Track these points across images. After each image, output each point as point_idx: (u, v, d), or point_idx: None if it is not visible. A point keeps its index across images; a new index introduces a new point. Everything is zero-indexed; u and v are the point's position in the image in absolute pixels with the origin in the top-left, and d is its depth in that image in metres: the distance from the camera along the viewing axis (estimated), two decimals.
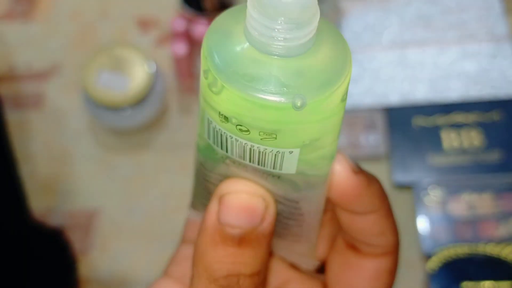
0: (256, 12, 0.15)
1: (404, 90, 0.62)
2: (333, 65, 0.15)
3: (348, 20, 0.68)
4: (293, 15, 0.14)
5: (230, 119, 0.16)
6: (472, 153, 0.59)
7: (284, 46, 0.15)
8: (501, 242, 0.53)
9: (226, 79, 0.15)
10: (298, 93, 0.15)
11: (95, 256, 0.57)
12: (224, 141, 0.17)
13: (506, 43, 0.64)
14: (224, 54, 0.16)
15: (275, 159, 0.17)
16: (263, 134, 0.16)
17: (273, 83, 0.15)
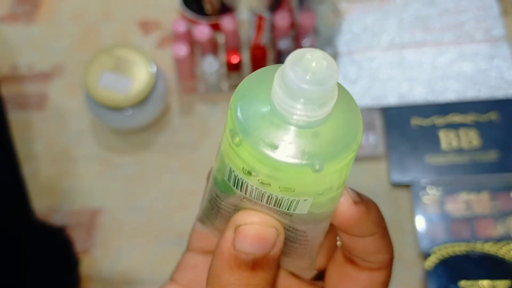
0: (280, 90, 0.16)
1: (402, 91, 0.63)
2: (348, 132, 0.17)
3: (347, 21, 0.68)
4: (313, 97, 0.16)
5: (253, 174, 0.18)
6: (469, 153, 0.59)
7: (304, 121, 0.17)
8: (498, 241, 0.53)
9: (253, 144, 0.17)
10: (317, 159, 0.17)
11: (97, 254, 0.57)
12: (244, 187, 0.19)
13: (503, 44, 0.64)
14: (250, 118, 0.17)
15: (290, 204, 0.19)
16: (283, 188, 0.18)
17: (294, 149, 0.17)
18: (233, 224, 0.20)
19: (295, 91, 0.16)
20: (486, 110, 0.61)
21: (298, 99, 0.16)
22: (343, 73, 0.65)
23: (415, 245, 0.56)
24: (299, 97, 0.16)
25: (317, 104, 0.16)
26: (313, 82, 0.15)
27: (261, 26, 0.60)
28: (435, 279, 0.52)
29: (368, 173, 0.60)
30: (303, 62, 0.16)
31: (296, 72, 0.15)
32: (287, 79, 0.16)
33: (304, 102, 0.16)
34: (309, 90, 0.15)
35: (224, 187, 0.20)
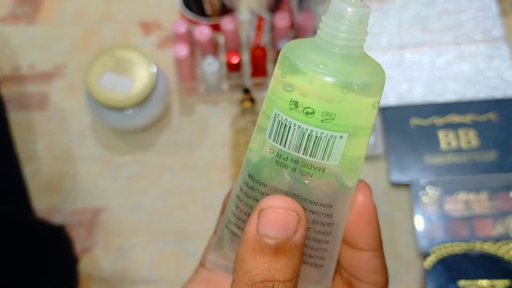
0: (328, 19, 0.21)
1: (401, 91, 0.63)
2: (377, 73, 0.21)
3: None
4: (356, 18, 0.20)
5: (299, 104, 0.20)
6: (468, 153, 0.59)
7: (346, 45, 0.20)
8: (497, 240, 0.53)
9: (304, 65, 0.20)
10: (357, 80, 0.20)
11: (98, 253, 0.58)
12: (285, 133, 0.21)
13: (502, 44, 0.64)
14: (300, 51, 0.21)
15: (327, 145, 0.21)
16: (325, 115, 0.20)
17: (338, 69, 0.20)
18: (257, 208, 0.21)
19: (342, 14, 0.19)
20: (485, 110, 0.61)
21: (343, 22, 0.20)
22: None
23: (414, 244, 0.56)
24: (344, 19, 0.19)
25: (357, 27, 0.20)
26: (356, 5, 0.20)
27: (261, 27, 0.60)
28: (434, 278, 0.52)
29: (367, 173, 0.60)
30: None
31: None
32: (335, 6, 0.20)
33: (348, 24, 0.20)
34: (353, 12, 0.19)
35: (258, 163, 0.22)
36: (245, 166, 0.23)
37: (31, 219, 0.54)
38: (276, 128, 0.21)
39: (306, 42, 0.21)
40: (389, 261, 0.58)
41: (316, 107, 0.20)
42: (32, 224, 0.53)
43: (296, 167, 0.21)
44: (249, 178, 0.22)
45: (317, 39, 0.21)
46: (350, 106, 0.20)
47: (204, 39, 0.58)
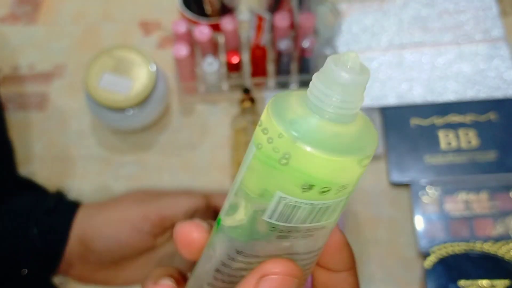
0: (321, 84, 0.18)
1: (401, 91, 0.63)
2: (374, 135, 0.20)
3: (347, 22, 0.68)
4: (354, 85, 0.18)
5: (315, 186, 0.18)
6: (468, 153, 0.59)
7: (342, 114, 0.18)
8: (497, 241, 0.53)
9: (316, 148, 0.17)
10: (365, 150, 0.18)
11: None
12: (294, 212, 0.19)
13: (502, 44, 0.65)
14: (302, 126, 0.18)
15: (334, 209, 0.20)
16: (340, 187, 0.19)
17: (351, 145, 0.18)
18: (258, 273, 0.21)
19: (336, 81, 0.17)
20: (485, 110, 0.61)
21: (337, 90, 0.17)
22: None
23: (414, 244, 0.56)
24: (340, 86, 0.17)
25: (353, 94, 0.17)
26: (352, 72, 0.17)
27: (261, 27, 0.60)
28: (434, 278, 0.52)
29: (367, 173, 0.61)
30: (343, 59, 0.17)
31: (337, 64, 0.17)
32: (328, 72, 0.17)
33: (346, 91, 0.17)
34: (349, 79, 0.17)
35: (255, 232, 0.20)
36: (227, 243, 0.21)
37: None
38: (281, 210, 0.19)
39: (304, 114, 0.18)
40: (389, 261, 0.58)
41: (332, 185, 0.18)
42: None
43: (298, 235, 0.20)
44: (238, 254, 0.21)
45: (314, 108, 0.18)
46: (358, 172, 0.19)
47: (204, 39, 0.58)
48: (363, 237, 0.57)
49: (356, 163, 0.18)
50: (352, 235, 0.57)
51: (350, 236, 0.57)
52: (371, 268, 0.56)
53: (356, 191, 0.59)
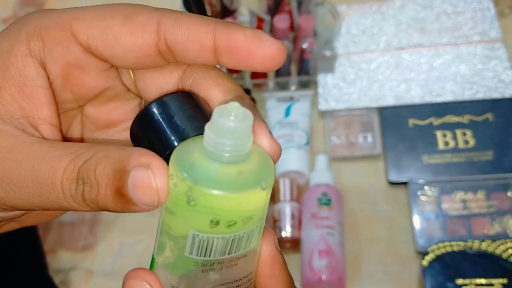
0: (213, 135, 0.20)
1: (400, 92, 0.64)
2: (269, 163, 0.21)
3: (346, 24, 0.69)
4: (239, 131, 0.20)
5: (221, 221, 0.20)
6: (466, 153, 0.60)
7: (237, 155, 0.20)
8: (495, 239, 0.54)
9: (219, 190, 0.19)
10: (262, 180, 0.20)
11: (99, 250, 0.58)
12: (209, 246, 0.21)
13: (500, 46, 0.65)
14: (201, 175, 0.20)
15: (248, 238, 0.21)
16: (246, 219, 0.20)
17: (248, 179, 0.20)
18: None
19: (224, 129, 0.19)
20: (483, 111, 0.62)
21: (227, 136, 0.19)
22: (342, 75, 0.66)
23: (412, 243, 0.57)
24: (228, 134, 0.19)
25: (241, 138, 0.20)
26: (236, 120, 0.19)
27: (261, 28, 0.61)
28: (432, 276, 0.52)
29: (366, 173, 0.61)
30: (227, 110, 0.19)
31: (223, 116, 0.19)
32: (217, 123, 0.19)
33: (234, 137, 0.19)
34: (235, 126, 0.19)
35: (183, 268, 0.22)
36: (163, 278, 0.22)
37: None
38: (197, 245, 0.21)
39: (202, 160, 0.20)
40: (388, 259, 0.58)
41: (237, 218, 0.20)
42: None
43: (223, 266, 0.22)
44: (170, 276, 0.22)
45: (210, 154, 0.20)
46: (261, 202, 0.21)
47: None
48: (362, 235, 0.58)
49: (254, 195, 0.20)
50: (350, 234, 0.58)
51: (349, 235, 0.57)
52: (369, 266, 0.56)
53: (354, 190, 0.60)
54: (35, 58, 0.21)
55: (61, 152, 0.20)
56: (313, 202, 0.56)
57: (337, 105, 0.64)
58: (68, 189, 0.19)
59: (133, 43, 0.21)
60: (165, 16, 0.21)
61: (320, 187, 0.57)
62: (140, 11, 0.21)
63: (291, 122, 0.62)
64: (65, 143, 0.21)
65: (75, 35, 0.21)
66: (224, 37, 0.20)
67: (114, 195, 0.19)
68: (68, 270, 0.57)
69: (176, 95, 0.21)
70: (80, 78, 0.22)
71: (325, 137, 0.63)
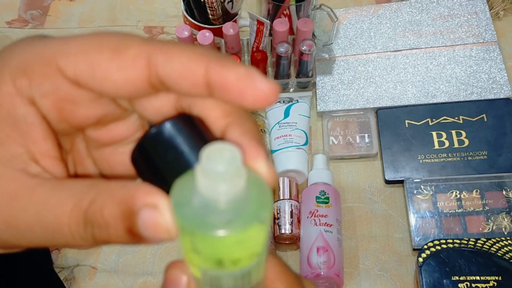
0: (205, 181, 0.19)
1: (396, 93, 0.65)
2: (263, 197, 0.21)
3: (344, 27, 0.70)
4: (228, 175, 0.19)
5: (225, 260, 0.20)
6: (461, 152, 0.61)
7: (230, 197, 0.19)
8: (489, 237, 0.54)
9: (223, 233, 0.19)
10: (260, 214, 0.20)
11: (104, 247, 0.59)
12: (221, 282, 0.21)
13: (495, 47, 0.66)
14: (198, 219, 0.19)
15: (257, 268, 0.22)
16: (250, 254, 0.21)
17: (243, 218, 0.20)
18: None
19: (215, 174, 0.19)
20: (477, 112, 0.62)
21: (218, 180, 0.19)
22: (340, 76, 0.67)
23: (408, 240, 0.58)
24: (220, 177, 0.19)
25: (234, 179, 0.19)
26: (224, 163, 0.19)
27: (261, 32, 0.62)
28: (428, 274, 0.53)
29: (363, 172, 0.62)
30: (213, 154, 0.19)
31: (211, 160, 0.19)
32: (206, 169, 0.19)
33: (226, 180, 0.19)
34: (224, 170, 0.19)
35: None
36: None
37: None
38: (209, 280, 0.21)
39: (197, 205, 0.20)
40: (385, 256, 0.59)
41: (241, 255, 0.20)
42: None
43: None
44: None
45: (205, 198, 0.19)
46: (262, 235, 0.21)
47: (206, 44, 0.60)
48: (359, 233, 0.59)
49: (253, 231, 0.20)
50: (348, 231, 0.59)
51: (346, 232, 0.58)
52: (366, 263, 0.57)
53: (352, 189, 0.60)
54: (22, 97, 0.20)
55: (64, 195, 0.20)
56: (312, 200, 0.57)
57: (335, 106, 0.65)
58: (76, 232, 0.19)
59: (123, 79, 0.20)
60: (155, 50, 0.20)
61: (319, 186, 0.57)
62: (129, 44, 0.20)
63: (290, 123, 0.63)
64: (67, 183, 0.20)
65: (62, 70, 0.20)
66: (217, 74, 0.20)
67: (126, 233, 0.19)
68: (72, 267, 0.58)
69: (176, 120, 0.21)
70: (74, 110, 0.21)
71: (324, 137, 0.64)
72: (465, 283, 0.52)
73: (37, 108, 0.21)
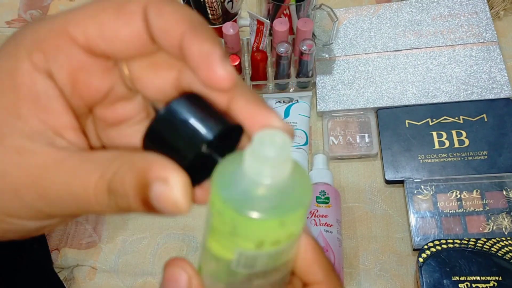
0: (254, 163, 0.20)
1: (396, 93, 0.65)
2: (305, 182, 0.21)
3: (344, 26, 0.70)
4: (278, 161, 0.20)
5: (266, 241, 0.21)
6: (461, 152, 0.61)
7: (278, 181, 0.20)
8: (490, 238, 0.54)
9: (264, 216, 0.20)
10: (304, 200, 0.21)
11: (103, 247, 0.59)
12: (255, 262, 0.22)
13: (495, 47, 0.66)
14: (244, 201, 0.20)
15: (291, 247, 0.22)
16: (290, 235, 0.21)
17: (288, 203, 0.21)
18: None
19: (265, 158, 0.19)
20: (478, 112, 0.62)
21: (268, 164, 0.19)
22: (340, 76, 0.67)
23: (408, 240, 0.58)
24: (270, 162, 0.19)
25: (283, 164, 0.20)
26: (276, 149, 0.19)
27: (261, 31, 0.62)
28: (428, 274, 0.53)
29: (363, 172, 0.62)
30: (266, 138, 0.20)
31: (263, 145, 0.19)
32: (257, 152, 0.19)
33: (275, 165, 0.20)
34: (275, 155, 0.19)
35: (229, 275, 0.23)
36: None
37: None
38: (244, 262, 0.22)
39: (244, 188, 0.20)
40: (385, 256, 0.59)
41: (281, 237, 0.21)
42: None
43: (267, 274, 0.23)
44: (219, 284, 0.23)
45: (252, 182, 0.20)
46: (303, 219, 0.21)
47: None
48: (359, 233, 0.59)
49: (297, 215, 0.20)
50: (348, 231, 0.59)
51: (347, 232, 0.58)
52: (366, 264, 0.57)
53: (352, 189, 0.60)
54: (40, 71, 0.21)
55: (90, 167, 0.21)
56: (312, 200, 0.57)
57: (335, 106, 0.65)
58: (102, 201, 0.20)
59: (129, 35, 0.21)
60: (151, 4, 0.21)
61: (319, 186, 0.57)
62: (127, 1, 0.21)
63: (290, 123, 0.63)
64: (92, 155, 0.21)
65: (73, 39, 0.21)
66: (187, 43, 0.20)
67: (143, 204, 0.20)
68: (72, 267, 0.58)
69: (182, 99, 0.21)
70: (87, 81, 0.22)
71: (324, 137, 0.64)
72: (466, 283, 0.52)
73: (54, 81, 0.22)
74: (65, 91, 0.22)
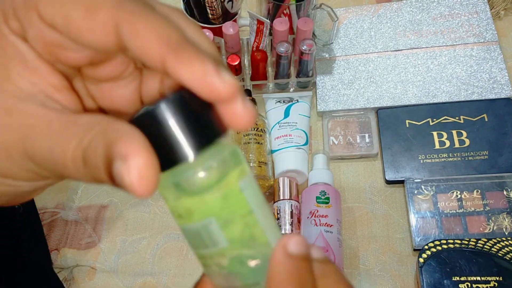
0: None
1: (396, 93, 0.65)
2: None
3: (344, 26, 0.70)
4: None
5: (191, 213, 0.22)
6: (461, 152, 0.61)
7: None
8: (490, 238, 0.54)
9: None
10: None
11: (102, 247, 0.59)
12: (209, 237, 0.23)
13: (495, 47, 0.66)
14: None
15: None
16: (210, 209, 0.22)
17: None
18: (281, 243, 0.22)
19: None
20: (478, 111, 0.62)
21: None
22: (340, 76, 0.67)
23: (409, 241, 0.58)
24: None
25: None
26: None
27: (261, 31, 0.62)
28: (428, 274, 0.53)
29: (363, 172, 0.62)
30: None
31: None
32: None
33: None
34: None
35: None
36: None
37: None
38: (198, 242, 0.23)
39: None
40: (385, 256, 0.59)
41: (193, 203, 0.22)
42: None
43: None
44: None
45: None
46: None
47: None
48: (359, 233, 0.59)
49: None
50: (348, 231, 0.59)
51: (347, 232, 0.58)
52: (366, 264, 0.57)
53: (352, 189, 0.60)
54: (19, 36, 0.21)
55: (72, 131, 0.20)
56: (312, 201, 0.56)
57: (335, 105, 0.65)
58: (78, 168, 0.20)
59: (94, 40, 0.20)
60: (124, 18, 0.20)
61: (319, 186, 0.57)
62: (100, 6, 0.20)
63: (290, 123, 0.63)
64: (79, 119, 0.21)
65: (42, 18, 0.20)
66: (173, 68, 0.19)
67: (110, 179, 0.19)
68: (71, 267, 0.58)
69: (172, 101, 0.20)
70: (64, 54, 0.21)
71: (324, 137, 0.64)
72: (466, 284, 0.52)
73: (33, 48, 0.21)
74: (45, 58, 0.22)
